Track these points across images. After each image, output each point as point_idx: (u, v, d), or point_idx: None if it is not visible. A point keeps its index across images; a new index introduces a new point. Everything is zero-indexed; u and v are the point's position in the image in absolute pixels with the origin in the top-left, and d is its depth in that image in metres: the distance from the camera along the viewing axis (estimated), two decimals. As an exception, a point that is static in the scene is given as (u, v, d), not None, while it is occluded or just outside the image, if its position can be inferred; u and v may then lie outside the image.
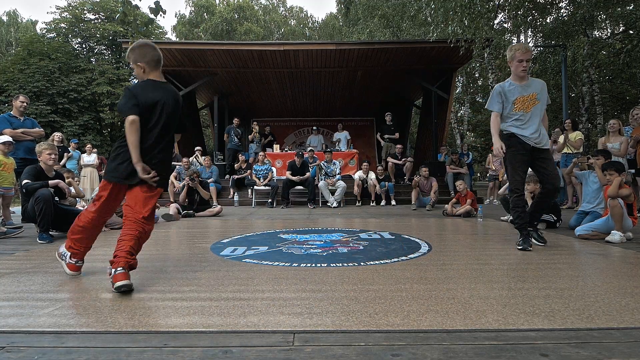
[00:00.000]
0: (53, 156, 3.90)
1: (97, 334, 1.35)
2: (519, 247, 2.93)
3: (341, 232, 3.92)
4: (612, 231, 3.20)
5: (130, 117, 1.90)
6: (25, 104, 4.76)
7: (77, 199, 4.98)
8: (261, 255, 2.76)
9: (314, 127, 11.55)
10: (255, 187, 7.94)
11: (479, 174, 28.40)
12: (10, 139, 4.36)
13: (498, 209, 6.10)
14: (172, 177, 8.00)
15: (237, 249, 3.01)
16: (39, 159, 3.82)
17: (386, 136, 9.78)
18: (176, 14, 31.08)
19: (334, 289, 1.87)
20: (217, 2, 31.05)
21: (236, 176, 8.50)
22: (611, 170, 3.39)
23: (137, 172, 1.93)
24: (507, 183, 3.71)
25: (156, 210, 2.31)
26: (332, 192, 7.58)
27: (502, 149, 2.96)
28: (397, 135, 9.86)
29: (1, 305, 1.65)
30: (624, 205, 3.25)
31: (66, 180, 4.28)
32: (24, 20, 29.51)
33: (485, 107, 3.35)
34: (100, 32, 18.85)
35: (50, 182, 3.72)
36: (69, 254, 2.11)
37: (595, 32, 13.52)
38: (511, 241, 3.34)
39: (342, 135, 10.57)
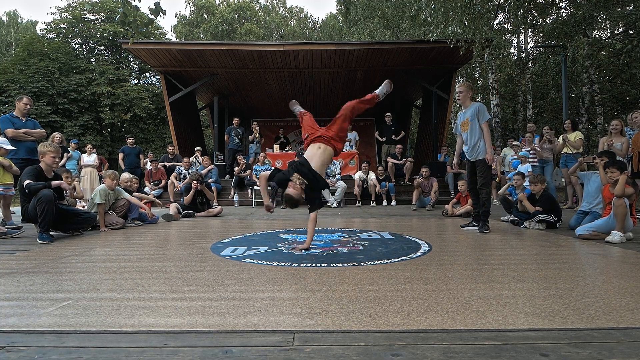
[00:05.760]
0: (57, 160, 3.91)
1: (97, 334, 1.35)
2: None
3: (341, 232, 3.92)
4: (612, 231, 3.20)
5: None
6: (28, 106, 4.77)
7: (77, 199, 4.98)
8: (261, 255, 2.76)
9: None
10: (256, 187, 7.93)
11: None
12: (10, 146, 4.39)
13: (498, 209, 6.10)
14: (172, 178, 8.01)
15: (237, 249, 3.01)
16: (42, 159, 3.80)
17: (385, 138, 9.76)
18: (176, 15, 31.08)
19: (334, 289, 1.87)
20: (217, 2, 31.05)
21: (237, 175, 8.51)
22: (613, 168, 3.38)
23: None
24: (507, 183, 3.80)
25: (153, 209, 2.35)
26: (332, 192, 7.58)
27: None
28: (402, 133, 9.85)
29: (1, 305, 1.65)
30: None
31: (66, 181, 4.29)
32: (24, 21, 29.52)
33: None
34: (100, 33, 18.84)
35: (53, 182, 3.71)
36: None
37: (595, 33, 13.51)
38: (511, 241, 3.34)
39: (352, 135, 10.62)
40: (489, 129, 3.97)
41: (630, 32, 10.26)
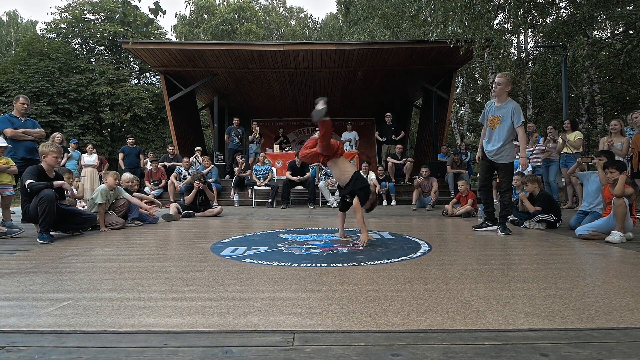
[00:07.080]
0: (59, 160, 3.92)
1: (97, 334, 1.35)
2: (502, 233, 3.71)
3: (341, 232, 3.91)
4: (612, 231, 3.20)
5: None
6: (25, 105, 4.77)
7: (77, 199, 4.98)
8: (261, 255, 2.76)
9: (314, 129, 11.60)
10: (256, 187, 7.94)
11: (478, 174, 28.37)
12: (5, 143, 4.39)
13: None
14: (172, 178, 8.01)
15: (237, 249, 3.01)
16: (44, 159, 3.79)
17: (385, 138, 9.77)
18: (176, 14, 31.07)
19: (334, 289, 1.87)
20: (217, 2, 31.05)
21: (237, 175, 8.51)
22: (612, 168, 3.39)
23: None
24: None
25: (156, 210, 2.36)
26: (332, 192, 7.58)
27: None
28: (402, 133, 9.87)
29: (1, 305, 1.65)
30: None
31: (68, 181, 4.29)
32: (24, 21, 29.49)
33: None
34: (100, 33, 18.83)
35: (55, 183, 3.71)
36: None
37: (595, 33, 13.51)
38: (511, 241, 3.34)
39: (351, 135, 10.62)
40: (524, 132, 3.67)
41: (630, 32, 10.26)
